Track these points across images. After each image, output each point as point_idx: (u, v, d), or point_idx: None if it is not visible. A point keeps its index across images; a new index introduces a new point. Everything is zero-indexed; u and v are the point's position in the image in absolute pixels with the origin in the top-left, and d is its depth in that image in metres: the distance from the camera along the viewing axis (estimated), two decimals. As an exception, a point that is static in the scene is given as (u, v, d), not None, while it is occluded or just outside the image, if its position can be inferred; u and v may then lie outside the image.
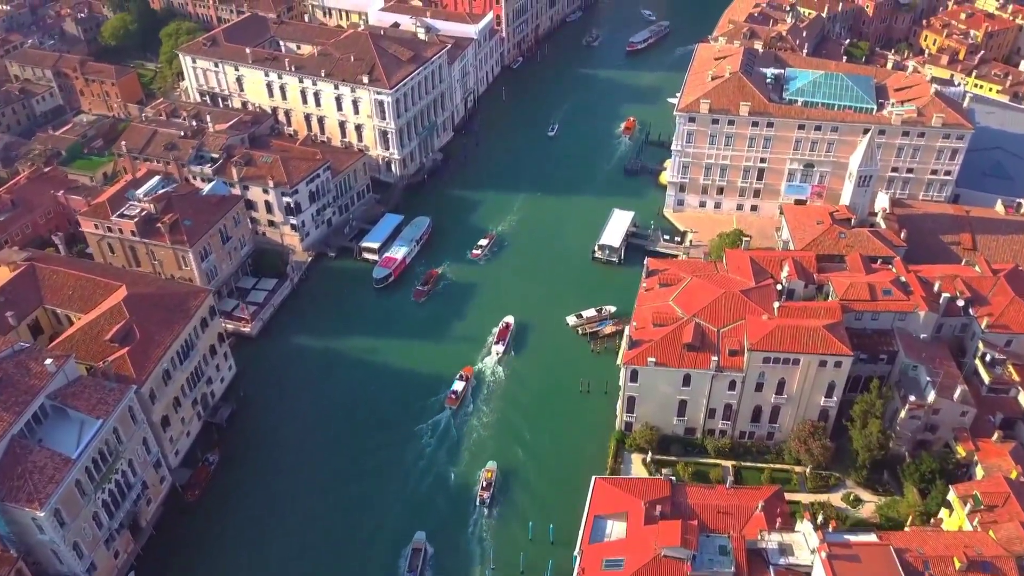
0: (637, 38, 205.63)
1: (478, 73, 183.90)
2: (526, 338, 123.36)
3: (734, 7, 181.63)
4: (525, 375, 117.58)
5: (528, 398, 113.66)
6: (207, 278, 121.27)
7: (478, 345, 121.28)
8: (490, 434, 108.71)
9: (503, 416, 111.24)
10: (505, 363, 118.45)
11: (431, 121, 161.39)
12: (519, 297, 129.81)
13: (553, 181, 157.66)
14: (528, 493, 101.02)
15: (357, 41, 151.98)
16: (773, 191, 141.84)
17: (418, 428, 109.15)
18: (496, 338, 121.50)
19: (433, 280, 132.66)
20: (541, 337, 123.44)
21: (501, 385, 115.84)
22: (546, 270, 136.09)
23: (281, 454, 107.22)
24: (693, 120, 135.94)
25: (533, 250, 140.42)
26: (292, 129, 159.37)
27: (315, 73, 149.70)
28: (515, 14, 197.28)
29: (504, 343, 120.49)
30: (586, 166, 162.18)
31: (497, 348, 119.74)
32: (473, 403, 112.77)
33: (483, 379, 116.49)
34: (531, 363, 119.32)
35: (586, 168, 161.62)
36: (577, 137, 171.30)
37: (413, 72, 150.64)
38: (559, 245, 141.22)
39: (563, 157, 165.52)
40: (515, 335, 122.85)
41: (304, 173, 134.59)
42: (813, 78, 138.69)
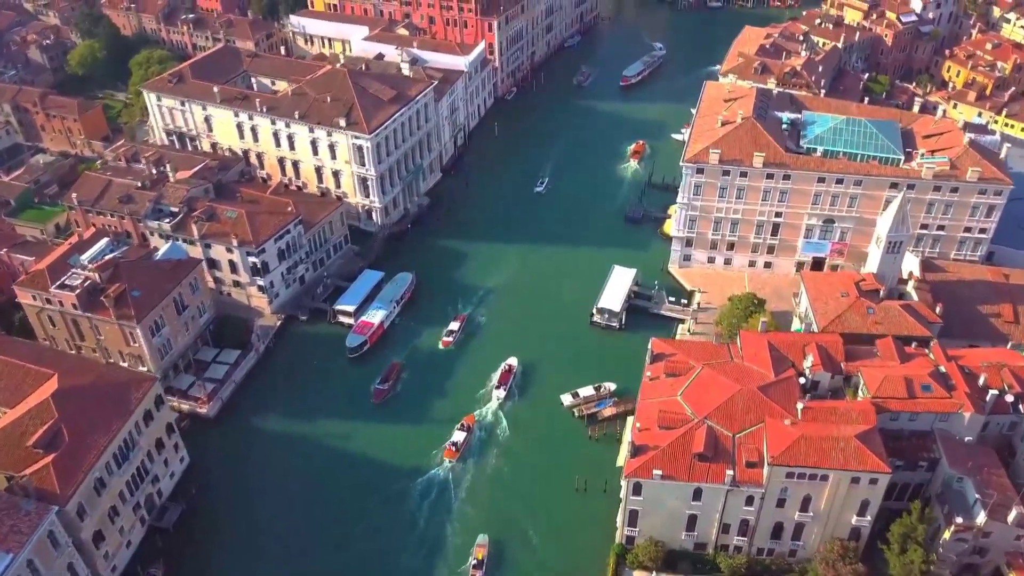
0: (631, 71, 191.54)
1: (469, 107, 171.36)
2: (516, 418, 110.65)
3: (744, 38, 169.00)
4: (513, 462, 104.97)
5: (515, 497, 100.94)
6: (159, 354, 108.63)
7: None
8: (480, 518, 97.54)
9: (490, 511, 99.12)
10: (497, 441, 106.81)
11: (416, 164, 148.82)
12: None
13: (548, 229, 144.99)
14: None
15: (334, 79, 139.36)
16: (789, 247, 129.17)
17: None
18: (497, 382, 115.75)
19: (395, 375, 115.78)
20: (533, 419, 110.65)
21: (490, 467, 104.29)
22: (539, 336, 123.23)
23: (238, 561, 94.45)
24: (701, 171, 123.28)
25: (525, 312, 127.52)
26: (265, 172, 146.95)
27: (288, 115, 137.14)
28: (509, 42, 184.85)
29: (505, 387, 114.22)
30: (583, 212, 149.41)
31: (498, 393, 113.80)
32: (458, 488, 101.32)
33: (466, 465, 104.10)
34: (520, 449, 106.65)
35: (583, 214, 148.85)
36: (573, 179, 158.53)
37: (395, 113, 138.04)
38: (554, 306, 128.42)
39: (559, 201, 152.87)
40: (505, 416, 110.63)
41: (272, 230, 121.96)
42: (833, 124, 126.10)
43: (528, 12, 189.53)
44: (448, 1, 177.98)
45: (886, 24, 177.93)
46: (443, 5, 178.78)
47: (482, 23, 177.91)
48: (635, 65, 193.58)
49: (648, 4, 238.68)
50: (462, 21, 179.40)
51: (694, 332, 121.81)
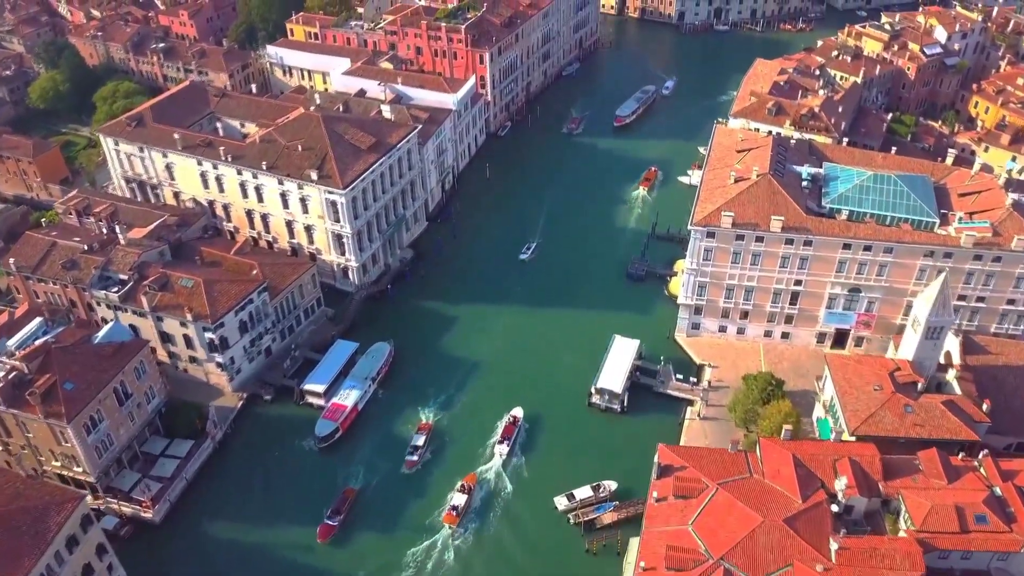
0: (625, 110, 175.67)
1: (458, 147, 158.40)
2: (500, 528, 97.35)
3: (755, 73, 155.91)
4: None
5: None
6: (96, 453, 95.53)
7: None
8: None
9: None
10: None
11: (398, 215, 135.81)
12: (494, 462, 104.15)
13: (541, 288, 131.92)
14: None
15: (307, 125, 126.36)
16: (809, 317, 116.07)
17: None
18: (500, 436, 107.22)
19: (348, 505, 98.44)
20: (521, 526, 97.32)
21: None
22: (530, 421, 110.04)
23: None
24: (712, 235, 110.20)
25: (515, 391, 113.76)
26: (232, 225, 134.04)
27: (255, 165, 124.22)
28: (502, 74, 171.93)
29: (509, 442, 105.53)
30: (580, 268, 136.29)
31: (501, 448, 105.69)
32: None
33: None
34: (503, 568, 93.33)
35: (580, 271, 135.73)
36: (569, 228, 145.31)
37: (373, 164, 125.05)
38: (547, 384, 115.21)
39: (553, 255, 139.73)
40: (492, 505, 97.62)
41: (232, 301, 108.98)
42: (859, 180, 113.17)
43: (523, 41, 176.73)
44: (436, 31, 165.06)
45: (908, 56, 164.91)
46: (431, 35, 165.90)
47: (473, 55, 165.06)
48: (628, 103, 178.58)
49: (651, 28, 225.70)
50: (451, 52, 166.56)
51: (704, 417, 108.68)
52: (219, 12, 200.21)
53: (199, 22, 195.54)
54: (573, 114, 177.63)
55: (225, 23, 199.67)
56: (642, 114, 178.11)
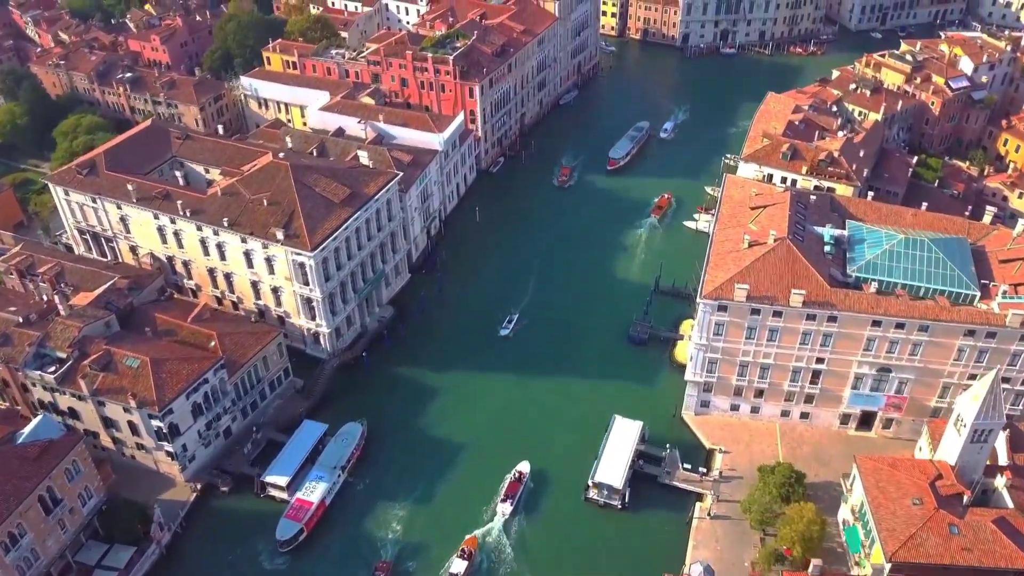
0: (618, 152, 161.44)
1: (445, 189, 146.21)
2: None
3: (767, 110, 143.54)
4: None
5: None
6: (19, 572, 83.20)
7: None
8: None
9: None
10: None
11: (376, 271, 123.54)
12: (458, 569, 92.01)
13: (534, 352, 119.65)
14: None
15: (274, 176, 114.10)
16: (832, 398, 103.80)
17: None
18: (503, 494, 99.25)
19: None
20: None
21: None
22: (519, 519, 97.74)
23: None
24: (724, 309, 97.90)
25: (501, 482, 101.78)
26: (194, 283, 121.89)
27: (215, 221, 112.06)
28: (494, 107, 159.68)
29: (512, 500, 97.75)
30: (578, 329, 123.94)
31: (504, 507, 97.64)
32: None
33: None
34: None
35: (577, 332, 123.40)
36: (564, 282, 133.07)
37: (347, 220, 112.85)
38: (539, 474, 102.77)
39: (549, 312, 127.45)
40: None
41: (184, 382, 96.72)
42: (888, 245, 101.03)
43: (517, 70, 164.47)
44: (422, 62, 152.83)
45: (932, 90, 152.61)
46: (417, 66, 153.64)
47: (462, 88, 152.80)
48: (621, 143, 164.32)
49: (654, 50, 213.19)
50: (439, 84, 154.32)
51: (716, 515, 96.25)
52: (194, 36, 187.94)
53: (172, 48, 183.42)
54: (564, 163, 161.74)
55: (200, 48, 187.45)
56: (643, 149, 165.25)
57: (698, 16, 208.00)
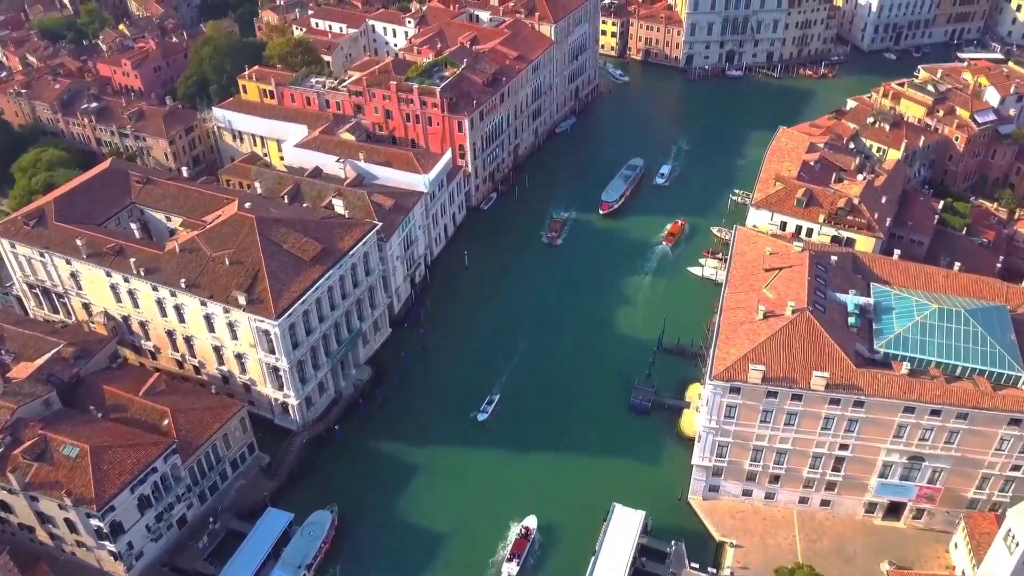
0: (611, 194, 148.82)
1: (432, 232, 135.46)
2: None
3: (778, 147, 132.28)
4: None
5: None
6: None
7: None
8: None
9: None
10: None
11: (352, 330, 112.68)
12: None
13: (526, 423, 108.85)
14: None
15: (238, 230, 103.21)
16: (857, 485, 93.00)
17: None
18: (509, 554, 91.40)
19: None
20: None
21: None
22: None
23: None
24: (737, 391, 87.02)
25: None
26: (151, 344, 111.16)
27: (172, 282, 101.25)
28: (485, 140, 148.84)
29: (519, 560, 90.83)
30: (574, 393, 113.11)
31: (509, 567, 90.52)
32: None
33: None
34: None
35: (574, 397, 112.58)
36: (559, 336, 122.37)
37: (318, 280, 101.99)
38: (530, 571, 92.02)
39: (540, 372, 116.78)
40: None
41: (127, 475, 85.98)
42: (919, 316, 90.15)
43: (510, 100, 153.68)
44: (408, 94, 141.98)
45: (956, 124, 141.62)
46: (402, 97, 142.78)
47: (450, 121, 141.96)
48: (615, 184, 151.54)
49: (656, 72, 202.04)
50: (425, 117, 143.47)
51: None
52: (168, 60, 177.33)
53: (144, 73, 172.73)
54: (553, 214, 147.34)
55: (175, 72, 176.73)
56: (631, 195, 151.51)
57: (703, 36, 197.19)
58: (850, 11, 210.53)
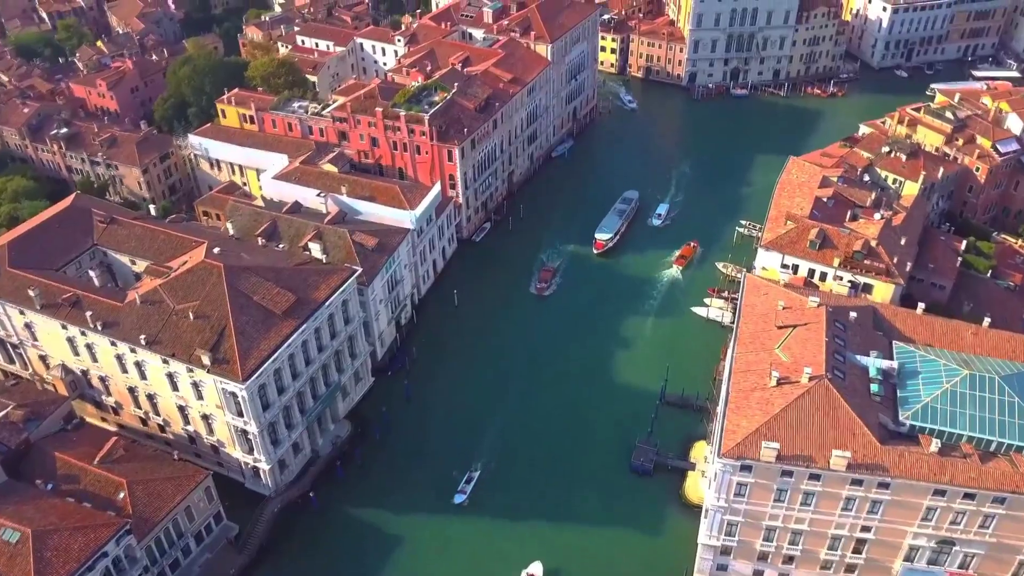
0: (605, 231, 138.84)
1: (419, 269, 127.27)
2: None
3: (788, 180, 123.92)
4: None
5: None
6: None
7: None
8: None
9: None
10: None
11: (330, 384, 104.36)
12: None
13: (517, 489, 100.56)
14: None
15: (205, 280, 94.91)
16: (880, 569, 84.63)
17: None
18: None
19: None
20: None
21: None
22: None
23: None
24: (748, 469, 78.70)
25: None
26: (113, 400, 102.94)
27: (132, 337, 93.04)
28: (478, 169, 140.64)
29: None
30: (569, 453, 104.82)
31: None
32: None
33: None
34: None
35: (569, 458, 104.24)
36: (554, 386, 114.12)
37: (290, 336, 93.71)
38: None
39: (532, 429, 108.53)
40: None
41: (75, 561, 77.62)
42: (947, 383, 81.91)
43: (504, 126, 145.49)
44: (395, 121, 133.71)
45: (978, 154, 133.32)
46: (388, 125, 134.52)
47: (439, 150, 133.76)
48: (609, 220, 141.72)
49: (657, 90, 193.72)
50: (413, 146, 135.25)
51: None
52: (147, 80, 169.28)
53: (120, 94, 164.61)
54: (544, 260, 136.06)
55: (154, 92, 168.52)
56: (626, 232, 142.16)
57: (706, 54, 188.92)
58: (859, 27, 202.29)
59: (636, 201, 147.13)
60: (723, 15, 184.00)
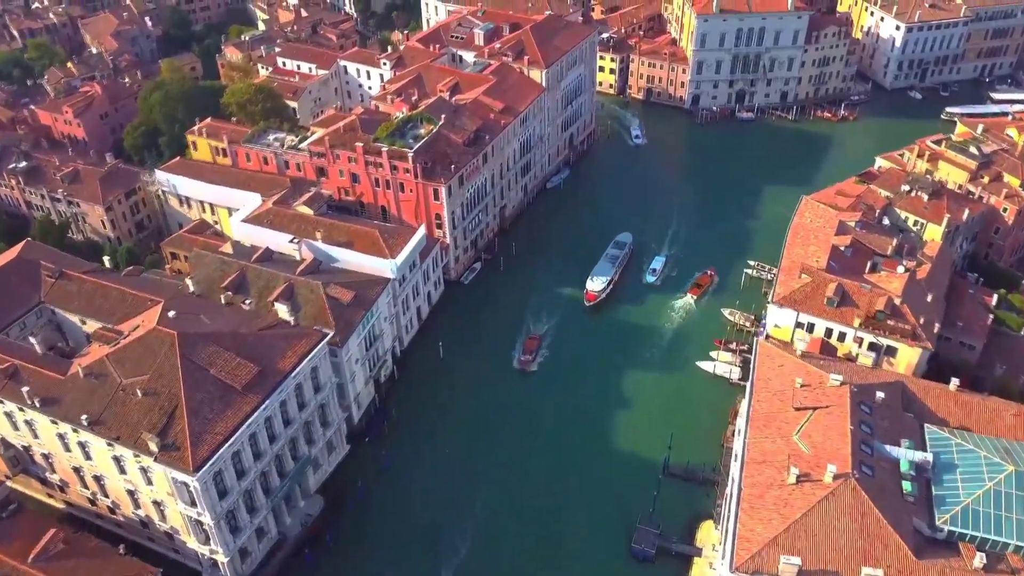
0: (596, 282, 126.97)
1: (402, 319, 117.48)
2: None
3: (802, 225, 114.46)
4: None
5: None
6: None
7: None
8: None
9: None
10: None
11: (299, 459, 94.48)
12: None
13: (504, 573, 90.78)
14: None
15: (156, 351, 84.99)
16: None
17: None
18: None
19: None
20: None
21: None
22: None
23: None
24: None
25: None
26: (58, 479, 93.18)
27: (72, 417, 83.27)
28: (466, 207, 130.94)
29: None
30: (564, 537, 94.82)
31: None
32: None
33: None
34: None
35: (564, 541, 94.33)
36: (546, 456, 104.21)
37: (251, 414, 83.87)
38: None
39: (524, 502, 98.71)
40: None
41: None
42: (990, 481, 72.93)
43: (495, 159, 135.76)
44: (377, 156, 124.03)
45: (1005, 194, 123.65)
46: (370, 160, 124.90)
47: (425, 188, 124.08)
48: (601, 268, 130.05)
49: (659, 113, 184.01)
50: (396, 183, 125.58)
51: None
52: (117, 106, 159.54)
53: (88, 121, 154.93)
54: (530, 326, 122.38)
55: (126, 118, 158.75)
56: (619, 280, 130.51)
57: (711, 75, 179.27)
58: (871, 45, 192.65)
59: (630, 246, 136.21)
60: (728, 35, 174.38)
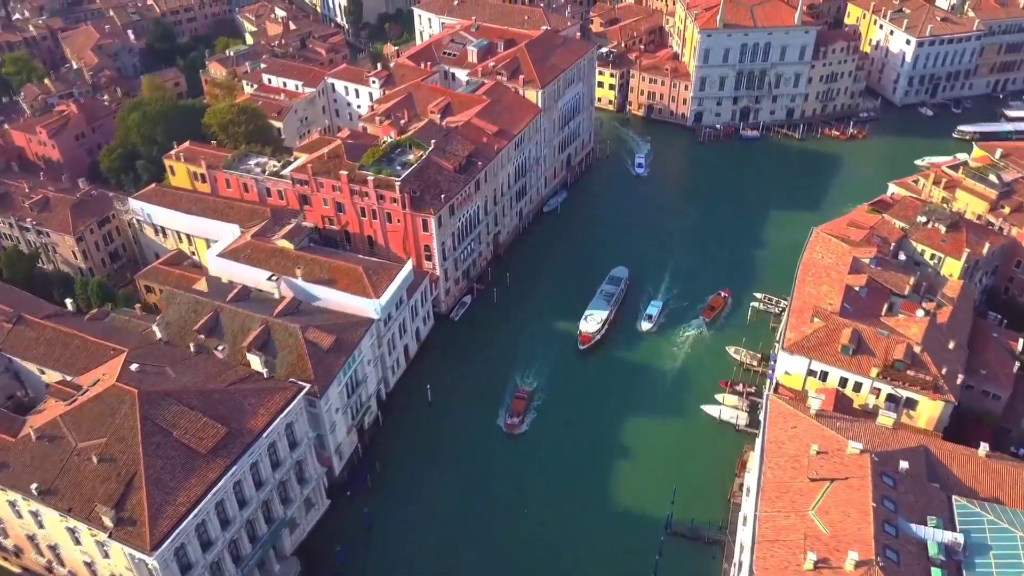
0: (590, 323, 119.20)
1: (387, 361, 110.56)
2: None
3: (813, 260, 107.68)
4: None
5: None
6: None
7: None
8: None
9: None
10: None
11: (275, 520, 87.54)
12: None
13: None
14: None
15: (115, 411, 78.11)
16: None
17: None
18: None
19: None
20: None
21: None
22: None
23: None
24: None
25: None
26: (12, 544, 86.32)
27: (22, 485, 76.40)
28: (458, 237, 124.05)
29: None
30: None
31: None
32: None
33: None
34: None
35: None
36: (540, 513, 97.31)
37: (217, 482, 77.02)
38: None
39: (517, 559, 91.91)
40: None
41: None
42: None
43: (488, 185, 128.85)
44: (362, 185, 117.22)
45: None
46: (355, 189, 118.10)
47: (413, 219, 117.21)
48: (595, 305, 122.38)
49: (660, 131, 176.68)
50: (383, 213, 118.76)
51: None
52: (94, 126, 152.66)
53: (63, 142, 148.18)
54: (519, 383, 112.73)
55: (103, 139, 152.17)
56: (614, 321, 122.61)
57: (714, 92, 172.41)
58: (880, 60, 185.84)
59: (625, 281, 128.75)
60: (732, 50, 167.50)
